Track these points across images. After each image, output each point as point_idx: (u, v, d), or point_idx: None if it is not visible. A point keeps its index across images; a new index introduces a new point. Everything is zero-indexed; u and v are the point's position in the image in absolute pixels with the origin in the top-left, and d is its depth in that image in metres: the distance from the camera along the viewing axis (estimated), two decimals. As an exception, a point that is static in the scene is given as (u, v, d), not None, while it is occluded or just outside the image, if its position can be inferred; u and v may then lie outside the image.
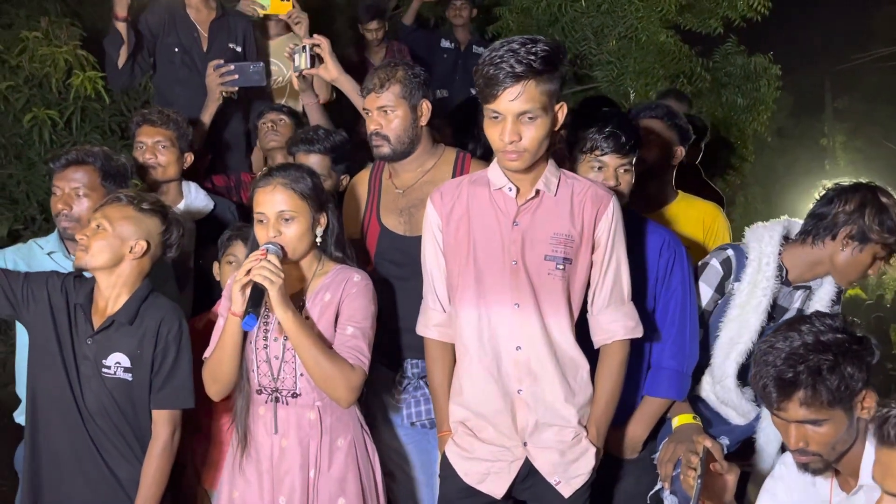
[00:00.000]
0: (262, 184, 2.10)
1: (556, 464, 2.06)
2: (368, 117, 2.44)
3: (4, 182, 3.58)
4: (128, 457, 2.16)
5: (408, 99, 2.41)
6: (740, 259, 2.38)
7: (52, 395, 2.14)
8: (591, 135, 2.27)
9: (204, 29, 3.32)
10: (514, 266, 2.02)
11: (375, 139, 2.42)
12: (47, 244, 2.50)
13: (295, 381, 2.09)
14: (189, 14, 3.33)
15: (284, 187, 2.07)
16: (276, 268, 1.96)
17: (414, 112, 2.42)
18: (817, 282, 2.36)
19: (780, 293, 2.36)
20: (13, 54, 3.55)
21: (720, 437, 2.37)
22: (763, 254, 2.33)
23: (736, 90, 5.39)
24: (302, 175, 2.13)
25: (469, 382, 2.09)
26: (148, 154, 2.77)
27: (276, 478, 2.09)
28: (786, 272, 2.35)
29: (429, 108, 2.45)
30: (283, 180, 2.08)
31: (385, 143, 2.41)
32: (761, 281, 2.30)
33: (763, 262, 2.32)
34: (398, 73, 2.41)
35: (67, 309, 2.17)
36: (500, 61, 1.88)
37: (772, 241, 2.35)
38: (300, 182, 2.10)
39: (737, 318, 2.34)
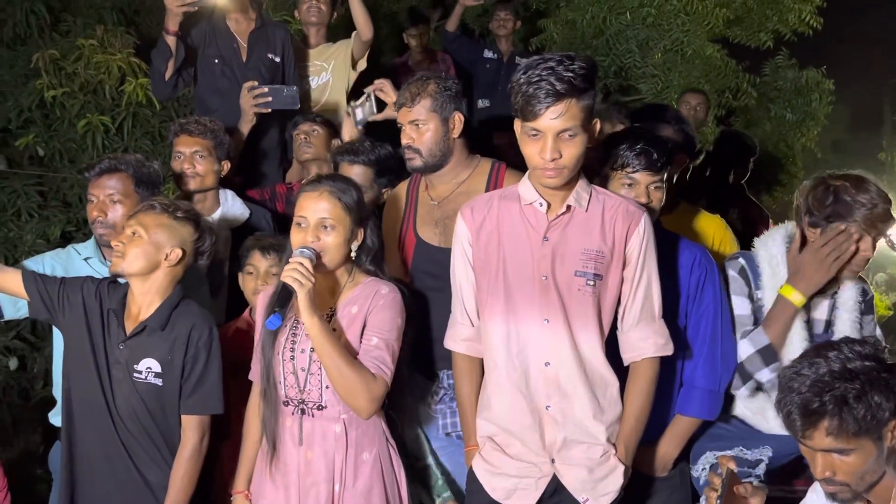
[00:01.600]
0: (310, 189, 2.11)
1: (585, 481, 2.04)
2: (402, 131, 2.46)
3: (59, 185, 3.73)
4: (157, 461, 2.20)
5: (439, 112, 2.42)
6: (753, 266, 2.36)
7: (85, 398, 2.19)
8: (623, 151, 2.26)
9: (243, 40, 3.39)
10: (545, 282, 2.01)
11: (408, 152, 2.44)
12: (84, 250, 2.57)
13: (321, 393, 2.10)
14: (229, 26, 3.39)
15: (331, 195, 2.08)
16: (308, 271, 1.97)
17: (445, 125, 2.43)
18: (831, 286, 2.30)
19: None
20: (70, 61, 3.69)
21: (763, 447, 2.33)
22: (771, 256, 2.31)
23: (786, 105, 5.30)
24: (349, 187, 2.14)
25: (497, 398, 2.08)
26: (186, 164, 2.81)
27: (302, 489, 2.10)
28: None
29: (461, 121, 2.46)
30: (331, 188, 2.09)
31: (417, 157, 2.44)
32: (779, 284, 2.27)
33: (773, 263, 2.30)
34: (429, 87, 2.42)
35: (101, 313, 2.21)
36: (539, 79, 1.87)
37: (776, 244, 2.32)
38: (346, 193, 2.11)
39: None
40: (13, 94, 3.81)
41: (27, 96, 3.71)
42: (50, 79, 3.65)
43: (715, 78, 4.91)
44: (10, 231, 3.58)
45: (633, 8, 4.97)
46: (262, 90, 3.14)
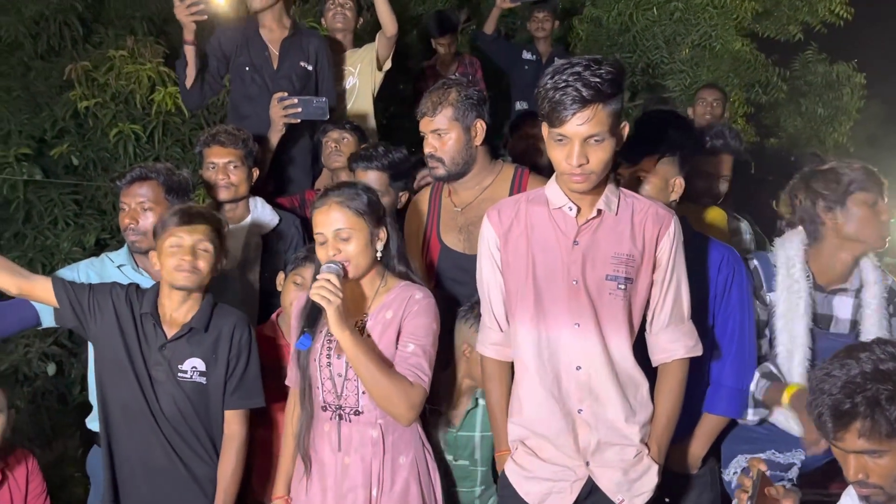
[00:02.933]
0: (318, 204, 2.13)
1: (620, 482, 2.04)
2: (424, 139, 2.47)
3: (93, 194, 3.80)
4: (202, 456, 2.26)
5: (461, 121, 2.42)
6: (767, 268, 2.36)
7: (124, 402, 2.23)
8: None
9: (275, 48, 3.41)
10: (575, 286, 2.00)
11: (431, 161, 2.45)
12: (118, 258, 2.62)
13: (357, 398, 2.11)
14: (262, 34, 3.42)
15: (340, 206, 2.09)
16: (335, 287, 1.98)
17: (468, 133, 2.43)
18: (853, 283, 2.30)
19: (816, 300, 2.30)
20: (101, 72, 3.76)
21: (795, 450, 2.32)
22: (788, 257, 2.31)
23: (816, 99, 5.22)
24: (356, 192, 2.14)
25: (529, 402, 2.08)
26: (220, 174, 2.84)
27: (339, 494, 2.11)
28: (813, 277, 2.31)
29: (483, 128, 2.45)
30: (338, 199, 2.09)
31: (440, 165, 2.44)
32: (793, 284, 2.27)
33: (789, 265, 2.30)
34: (450, 96, 2.42)
35: (133, 318, 2.26)
36: (565, 85, 1.86)
37: (793, 245, 2.32)
38: (355, 199, 2.11)
39: (784, 329, 2.30)
40: (48, 104, 3.90)
41: (61, 107, 3.79)
42: (83, 90, 3.73)
43: (744, 72, 4.85)
44: (47, 239, 3.66)
45: (659, 3, 4.93)
46: (292, 101, 3.16)
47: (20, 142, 3.74)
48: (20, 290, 2.22)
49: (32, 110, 3.90)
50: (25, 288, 2.22)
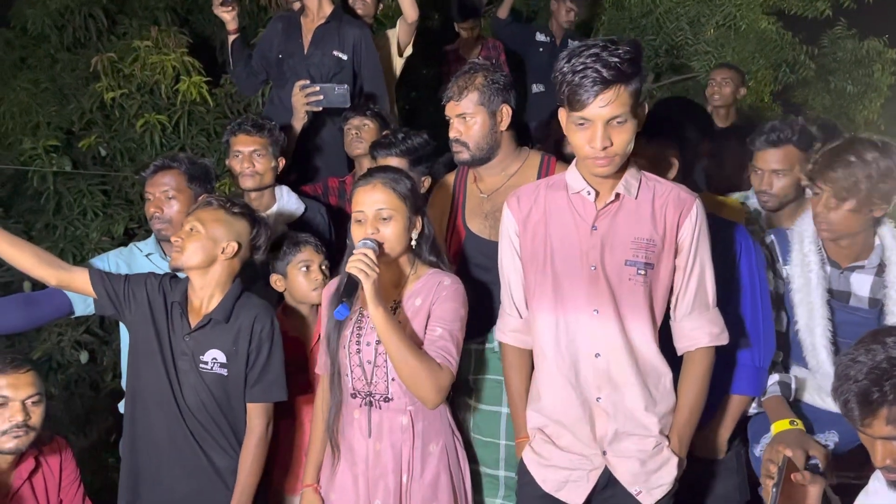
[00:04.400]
0: (363, 183, 2.14)
1: (637, 473, 2.02)
2: (450, 124, 2.46)
3: (120, 184, 3.84)
4: (224, 447, 2.28)
5: (486, 105, 2.41)
6: (783, 243, 2.35)
7: (151, 389, 2.27)
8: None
9: (309, 35, 3.45)
10: (594, 271, 1.98)
11: (455, 146, 2.44)
12: (145, 247, 2.67)
13: (387, 385, 2.12)
14: (302, 22, 3.47)
15: (384, 186, 2.11)
16: (372, 261, 2.00)
17: (493, 118, 2.42)
18: (871, 260, 2.26)
19: (831, 277, 2.28)
20: (127, 63, 3.79)
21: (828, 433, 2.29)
22: (800, 233, 2.29)
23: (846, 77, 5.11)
24: (400, 177, 2.17)
25: (547, 389, 2.07)
26: (245, 163, 2.88)
27: (371, 481, 2.13)
28: (827, 254, 2.29)
29: (508, 114, 2.44)
30: (383, 179, 2.12)
31: (464, 150, 2.43)
32: (804, 259, 2.26)
33: (800, 240, 2.29)
34: (476, 80, 2.41)
35: (165, 307, 2.29)
36: (584, 67, 1.84)
37: (806, 220, 2.30)
38: (399, 183, 2.13)
39: (802, 303, 2.29)
40: (75, 96, 3.94)
41: (88, 98, 3.83)
42: (109, 81, 3.76)
43: (770, 52, 4.76)
44: (77, 230, 3.72)
45: (682, -17, 4.86)
46: (314, 88, 3.18)
47: (49, 133, 3.80)
48: (59, 282, 2.26)
49: (60, 102, 3.96)
50: (64, 279, 2.26)
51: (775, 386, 2.32)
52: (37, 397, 2.28)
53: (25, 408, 2.25)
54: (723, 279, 2.19)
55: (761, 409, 2.35)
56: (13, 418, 2.22)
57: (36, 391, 2.28)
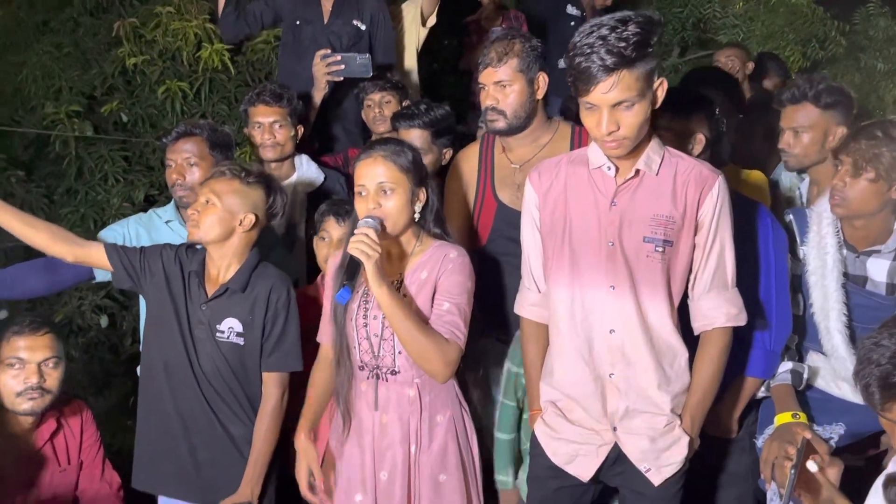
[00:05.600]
0: (363, 156, 2.13)
1: (647, 451, 2.02)
2: (483, 91, 2.41)
3: (141, 150, 3.85)
4: (240, 416, 2.30)
5: (525, 73, 2.37)
6: (802, 223, 2.32)
7: (168, 357, 2.30)
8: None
9: (329, 3, 3.41)
10: (611, 248, 1.97)
11: (491, 114, 2.40)
12: (165, 213, 2.69)
13: (394, 358, 2.14)
14: None
15: (385, 159, 2.09)
16: (373, 241, 1.99)
17: (531, 86, 2.39)
18: (889, 244, 2.23)
19: (847, 260, 2.25)
20: (149, 29, 3.78)
21: (835, 423, 2.28)
22: (818, 214, 2.27)
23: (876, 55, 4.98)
24: (402, 149, 2.15)
25: (560, 364, 2.08)
26: (266, 134, 2.88)
27: (378, 452, 2.15)
28: (845, 237, 2.26)
29: (545, 81, 2.41)
30: (384, 153, 2.10)
31: (501, 118, 2.39)
32: (821, 241, 2.24)
33: (817, 221, 2.27)
34: (516, 47, 2.36)
35: (182, 277, 2.31)
36: (590, 52, 1.80)
37: (825, 202, 2.26)
38: (401, 155, 2.11)
39: (817, 286, 2.27)
40: (97, 61, 3.93)
41: (110, 64, 3.82)
42: (131, 46, 3.74)
43: (800, 27, 4.65)
44: (98, 195, 3.73)
45: (711, -44, 4.77)
46: (335, 58, 3.16)
47: (71, 98, 3.80)
48: (75, 258, 2.30)
49: (82, 67, 3.94)
50: (80, 255, 2.30)
51: (787, 374, 2.30)
52: (53, 360, 2.31)
53: (41, 370, 2.28)
54: (741, 258, 2.17)
55: (769, 393, 2.34)
56: (28, 380, 2.25)
57: (52, 354, 2.30)
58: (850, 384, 2.24)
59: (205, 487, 2.31)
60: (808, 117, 2.65)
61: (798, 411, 2.18)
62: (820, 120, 2.63)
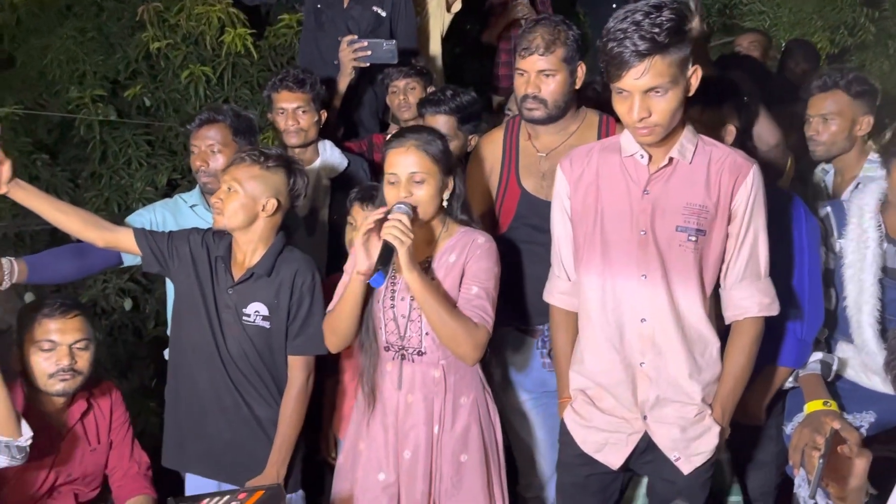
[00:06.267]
0: (395, 144, 2.13)
1: (677, 440, 2.02)
2: (522, 77, 2.35)
3: (164, 135, 3.86)
4: (266, 398, 2.32)
5: (569, 63, 2.33)
6: (839, 215, 2.30)
7: (195, 340, 2.31)
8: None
9: None
10: (643, 236, 1.96)
11: (531, 102, 2.35)
12: (190, 198, 2.70)
13: (420, 339, 2.15)
14: None
15: (418, 149, 2.09)
16: (406, 227, 1.99)
17: (572, 76, 2.35)
18: None
19: (888, 254, 2.22)
20: (172, 13, 3.78)
21: (866, 412, 2.27)
22: (860, 206, 2.23)
23: (907, 41, 4.90)
24: (434, 138, 2.15)
25: (590, 352, 2.07)
26: (290, 120, 2.87)
27: (402, 432, 2.17)
28: (886, 229, 2.22)
29: (583, 71, 2.37)
30: (417, 142, 2.10)
31: (541, 107, 2.35)
32: (862, 234, 2.20)
33: (859, 214, 2.23)
34: (562, 36, 2.31)
35: (209, 261, 2.32)
36: (623, 37, 1.79)
37: (868, 194, 2.24)
38: (432, 144, 2.12)
39: (852, 279, 2.25)
40: (121, 45, 3.94)
41: (134, 48, 3.83)
42: (154, 31, 3.75)
43: (829, 13, 4.57)
44: (122, 179, 3.75)
45: (738, -60, 4.70)
46: (362, 44, 3.15)
47: (95, 83, 3.81)
48: (106, 243, 2.31)
49: (106, 51, 3.95)
50: (110, 240, 2.31)
51: (816, 364, 2.29)
52: (84, 342, 2.33)
53: (72, 352, 2.30)
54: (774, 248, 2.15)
55: (797, 384, 2.32)
56: (60, 362, 2.28)
57: (83, 336, 2.33)
58: (881, 376, 2.22)
59: (231, 468, 2.33)
60: (838, 104, 2.64)
61: (829, 399, 2.17)
62: (849, 108, 2.62)
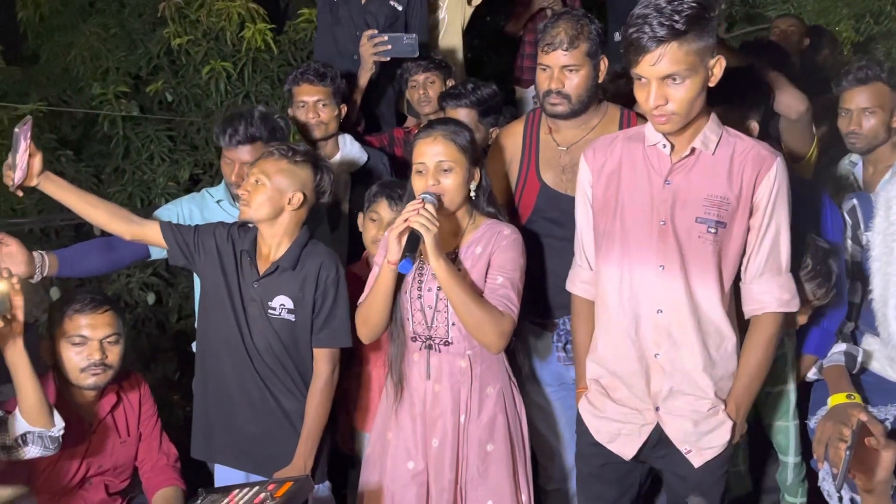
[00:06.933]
0: (424, 135, 2.17)
1: (689, 433, 2.01)
2: (545, 72, 2.35)
3: (186, 130, 3.90)
4: (292, 390, 2.34)
5: (592, 57, 2.32)
6: (866, 208, 2.27)
7: (222, 334, 2.34)
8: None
9: None
10: (663, 227, 1.95)
11: (555, 97, 2.34)
12: (216, 193, 2.71)
13: (447, 329, 2.17)
14: None
15: (445, 138, 2.13)
16: (432, 216, 2.02)
17: (595, 70, 2.34)
18: None
19: None
20: (193, 9, 3.80)
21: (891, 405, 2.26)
22: (888, 199, 2.20)
23: (933, 29, 4.84)
24: (461, 129, 2.19)
25: (605, 341, 2.08)
26: (310, 114, 2.88)
27: (429, 421, 2.20)
28: None
29: (605, 66, 2.36)
30: (444, 132, 2.14)
31: (565, 102, 2.34)
32: (889, 227, 2.17)
33: (887, 206, 2.19)
34: (585, 30, 2.30)
35: (234, 255, 2.34)
36: (643, 23, 1.79)
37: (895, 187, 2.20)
38: (459, 135, 2.16)
39: (879, 272, 2.22)
40: (143, 41, 3.98)
41: (155, 44, 3.87)
42: (175, 27, 3.78)
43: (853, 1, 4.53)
44: (145, 174, 3.79)
45: (761, -72, 4.66)
46: (382, 38, 3.15)
47: (118, 79, 3.85)
48: (133, 236, 2.34)
49: (128, 48, 4.00)
50: (138, 233, 2.34)
51: (840, 355, 2.27)
52: (114, 337, 2.36)
53: (103, 347, 2.33)
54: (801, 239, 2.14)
55: (821, 376, 2.31)
56: (91, 357, 2.31)
57: (113, 331, 2.36)
58: None
59: (258, 459, 2.35)
60: (880, 97, 2.62)
61: (853, 392, 2.15)
62: (889, 99, 2.61)
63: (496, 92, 2.87)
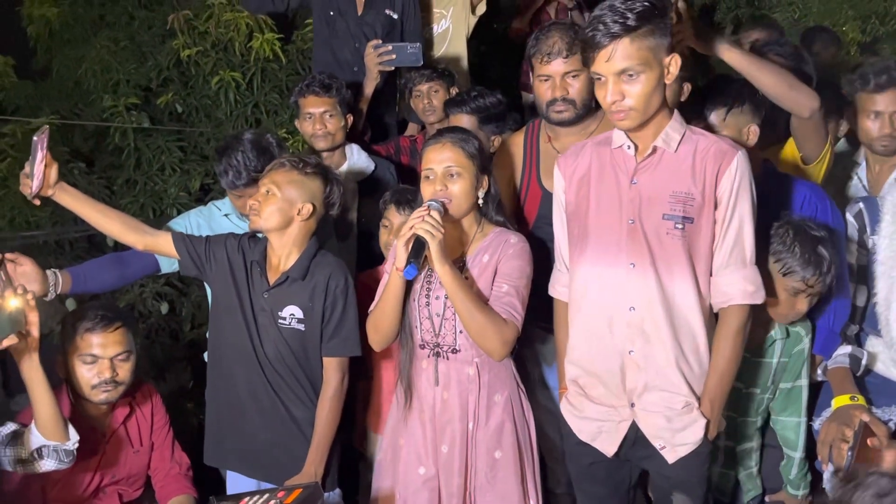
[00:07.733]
0: (433, 142, 2.22)
1: (662, 428, 2.03)
2: (546, 82, 2.40)
3: (196, 140, 3.93)
4: (302, 398, 2.37)
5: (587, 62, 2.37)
6: (873, 211, 2.27)
7: (233, 343, 2.37)
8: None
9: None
10: (632, 225, 1.98)
11: (560, 104, 2.40)
12: (224, 206, 2.75)
13: (455, 337, 2.20)
14: None
15: (453, 144, 2.18)
16: (437, 222, 2.05)
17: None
18: None
19: None
20: (202, 21, 3.84)
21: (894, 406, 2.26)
22: (892, 203, 2.21)
23: (938, 29, 4.82)
24: (469, 136, 2.25)
25: (580, 341, 2.10)
26: (318, 125, 2.92)
27: (439, 427, 2.23)
28: None
29: None
30: (452, 138, 2.20)
31: (570, 109, 2.40)
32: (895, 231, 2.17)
33: (894, 211, 2.20)
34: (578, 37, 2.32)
35: (245, 265, 2.37)
36: (598, 22, 1.85)
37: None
38: (467, 142, 2.21)
39: (884, 276, 2.23)
40: (153, 53, 4.02)
41: (165, 56, 3.90)
42: (184, 38, 3.82)
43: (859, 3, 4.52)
44: (156, 185, 3.83)
45: (766, -70, 4.66)
46: (387, 48, 3.18)
47: (128, 91, 3.89)
48: (146, 246, 2.38)
49: (138, 60, 4.03)
50: (150, 244, 2.38)
51: (844, 357, 2.28)
52: (125, 354, 2.39)
53: (113, 365, 2.36)
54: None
55: (826, 377, 2.32)
56: (102, 374, 2.34)
57: (124, 349, 2.38)
58: None
59: (269, 466, 2.38)
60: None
61: (856, 394, 2.16)
62: None
63: (500, 101, 2.89)
